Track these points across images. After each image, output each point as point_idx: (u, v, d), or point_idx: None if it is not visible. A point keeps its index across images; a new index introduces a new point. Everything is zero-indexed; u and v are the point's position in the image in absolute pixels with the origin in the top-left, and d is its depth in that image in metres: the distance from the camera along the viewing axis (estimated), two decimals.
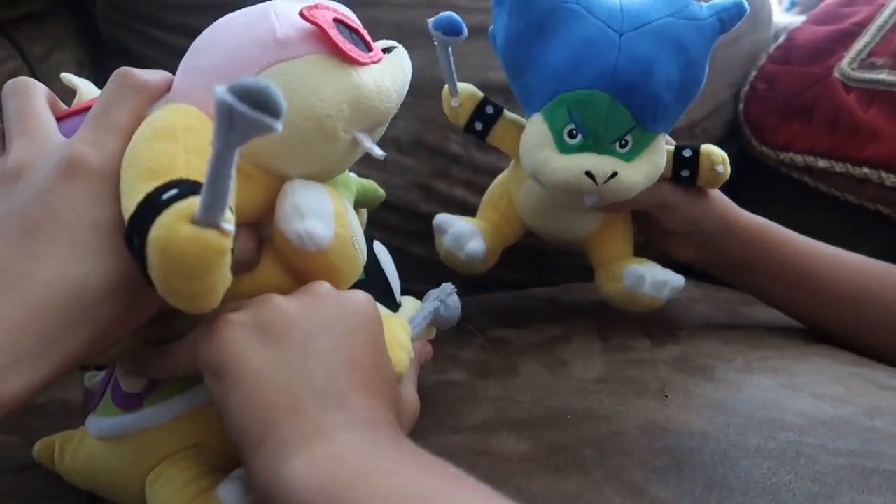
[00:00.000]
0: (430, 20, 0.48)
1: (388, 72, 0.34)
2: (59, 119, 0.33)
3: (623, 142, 0.47)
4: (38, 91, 0.33)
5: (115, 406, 0.36)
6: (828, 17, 0.76)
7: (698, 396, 0.43)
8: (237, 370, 0.28)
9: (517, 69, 0.50)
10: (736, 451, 0.36)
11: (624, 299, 0.54)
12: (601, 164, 0.46)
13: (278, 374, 0.28)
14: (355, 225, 0.34)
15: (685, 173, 0.52)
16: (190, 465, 0.34)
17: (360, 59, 0.32)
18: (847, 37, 0.71)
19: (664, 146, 0.50)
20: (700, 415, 0.40)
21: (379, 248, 0.45)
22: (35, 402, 0.50)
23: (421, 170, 0.69)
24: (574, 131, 0.47)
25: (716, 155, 0.51)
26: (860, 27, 0.71)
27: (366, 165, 0.66)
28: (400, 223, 0.67)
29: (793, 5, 1.13)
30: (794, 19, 0.87)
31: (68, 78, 0.39)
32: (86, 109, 0.33)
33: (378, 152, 0.34)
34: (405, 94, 0.36)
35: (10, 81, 0.33)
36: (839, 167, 0.67)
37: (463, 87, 0.56)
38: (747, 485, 0.34)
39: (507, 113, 0.56)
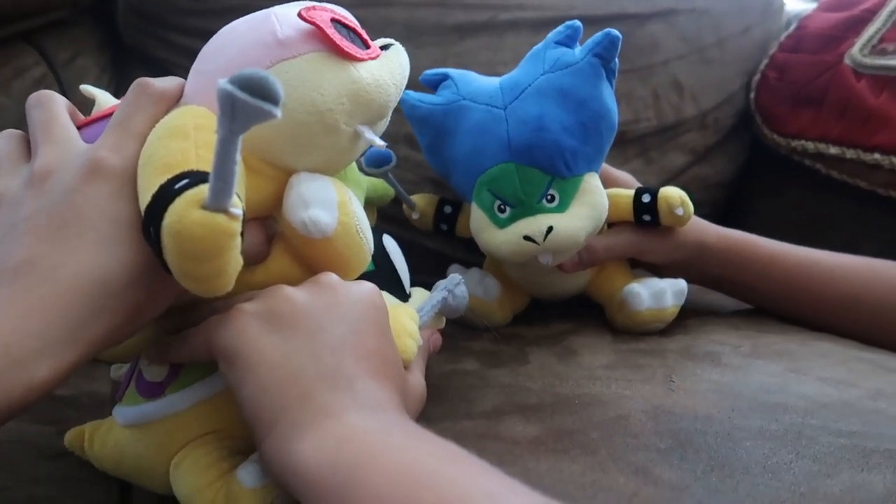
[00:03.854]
0: (362, 160, 0.52)
1: (386, 67, 0.36)
2: (79, 127, 0.35)
3: (549, 197, 0.49)
4: (59, 102, 0.35)
5: (139, 395, 0.37)
6: (839, 5, 0.76)
7: (704, 381, 0.44)
8: (250, 357, 0.30)
9: (445, 173, 0.55)
10: (739, 433, 0.37)
11: (636, 321, 0.53)
12: (534, 224, 0.49)
13: (289, 360, 0.30)
14: (360, 215, 0.36)
15: (647, 218, 0.53)
16: (211, 450, 0.35)
17: (358, 56, 0.34)
18: (858, 23, 0.71)
19: (598, 184, 0.51)
20: (705, 399, 0.41)
21: (388, 240, 0.47)
22: (66, 395, 0.53)
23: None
24: (502, 206, 0.50)
25: (673, 198, 0.52)
26: (871, 13, 0.71)
27: None
28: None
29: None
30: (807, 6, 0.87)
31: (87, 89, 0.41)
32: (103, 118, 0.35)
33: (379, 143, 0.36)
34: (404, 87, 0.38)
35: (32, 94, 0.35)
36: (850, 154, 0.67)
37: (418, 197, 0.60)
38: (749, 464, 0.35)
39: (465, 205, 0.59)
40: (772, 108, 0.76)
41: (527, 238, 0.49)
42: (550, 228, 0.48)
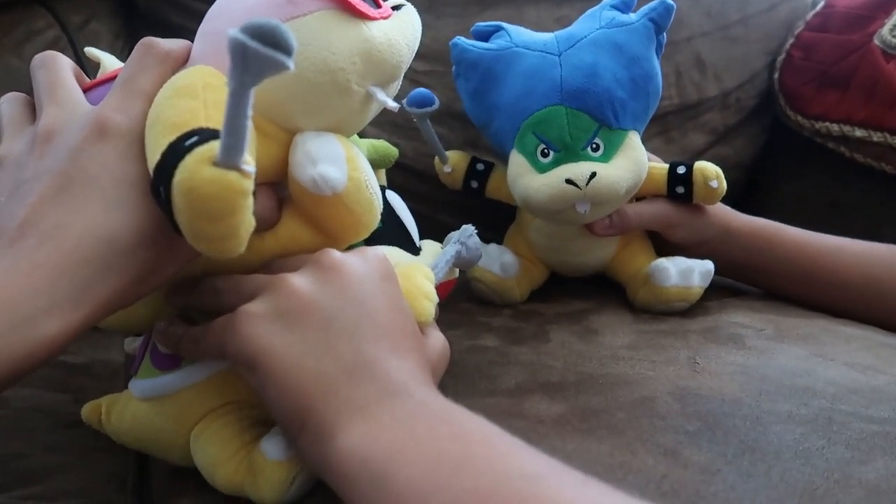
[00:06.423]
0: (404, 101, 0.51)
1: (398, 27, 0.35)
2: (84, 90, 0.34)
3: (594, 145, 0.49)
4: (64, 63, 0.34)
5: (154, 368, 0.37)
6: None
7: (729, 364, 0.43)
8: (267, 363, 0.29)
9: (485, 122, 0.54)
10: (768, 417, 0.37)
11: (660, 298, 0.53)
12: (578, 169, 0.48)
13: (306, 359, 0.29)
14: (368, 170, 0.34)
15: (680, 190, 0.53)
16: (232, 421, 0.35)
17: (370, 14, 0.33)
18: (888, 3, 0.69)
19: (640, 144, 0.51)
20: (732, 381, 0.41)
21: (392, 195, 0.46)
22: (81, 363, 0.52)
23: (452, 138, 0.69)
24: (545, 149, 0.50)
25: (709, 171, 0.52)
26: None
27: (397, 134, 0.67)
28: (431, 192, 0.67)
29: None
30: None
31: (92, 51, 0.40)
32: (109, 80, 0.34)
33: (392, 104, 0.35)
34: (416, 49, 0.37)
35: (37, 55, 0.34)
36: (876, 137, 0.65)
37: (451, 153, 0.58)
38: (780, 449, 0.34)
39: (497, 165, 0.58)
40: (796, 88, 0.74)
41: (568, 182, 0.48)
42: (594, 174, 0.48)
